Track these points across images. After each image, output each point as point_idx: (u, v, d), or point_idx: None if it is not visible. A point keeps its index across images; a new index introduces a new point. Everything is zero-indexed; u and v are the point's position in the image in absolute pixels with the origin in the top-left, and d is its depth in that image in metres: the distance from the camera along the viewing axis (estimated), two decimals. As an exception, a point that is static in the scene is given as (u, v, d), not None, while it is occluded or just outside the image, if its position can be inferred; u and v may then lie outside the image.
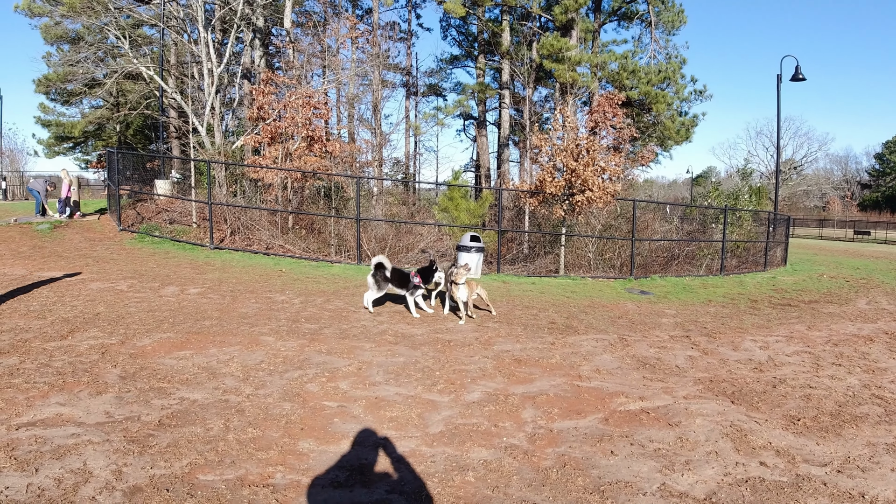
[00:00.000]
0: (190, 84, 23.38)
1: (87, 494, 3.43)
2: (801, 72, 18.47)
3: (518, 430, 4.60)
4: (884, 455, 4.29)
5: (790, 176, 64.48)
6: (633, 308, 10.11)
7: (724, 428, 4.70)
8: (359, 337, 7.20)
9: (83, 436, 4.17)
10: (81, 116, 33.67)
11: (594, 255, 15.27)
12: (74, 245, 13.26)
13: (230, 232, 14.62)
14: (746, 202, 21.88)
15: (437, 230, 15.71)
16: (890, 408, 5.31)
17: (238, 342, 6.72)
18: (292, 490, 3.59)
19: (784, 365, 6.72)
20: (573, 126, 14.00)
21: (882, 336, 8.47)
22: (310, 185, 16.42)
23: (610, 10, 27.72)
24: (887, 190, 74.04)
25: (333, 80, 21.76)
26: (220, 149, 17.60)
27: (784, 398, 5.51)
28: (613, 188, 13.37)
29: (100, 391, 5.03)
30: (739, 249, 18.01)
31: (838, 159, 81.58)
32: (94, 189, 34.63)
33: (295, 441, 4.26)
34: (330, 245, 14.56)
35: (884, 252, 29.61)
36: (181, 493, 3.49)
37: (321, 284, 10.68)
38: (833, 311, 10.38)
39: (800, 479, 3.89)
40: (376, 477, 3.80)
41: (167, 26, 20.79)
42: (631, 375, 6.13)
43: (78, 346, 6.28)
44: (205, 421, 4.53)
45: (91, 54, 23.09)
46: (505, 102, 28.85)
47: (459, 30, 33.84)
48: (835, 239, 47.70)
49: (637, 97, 24.26)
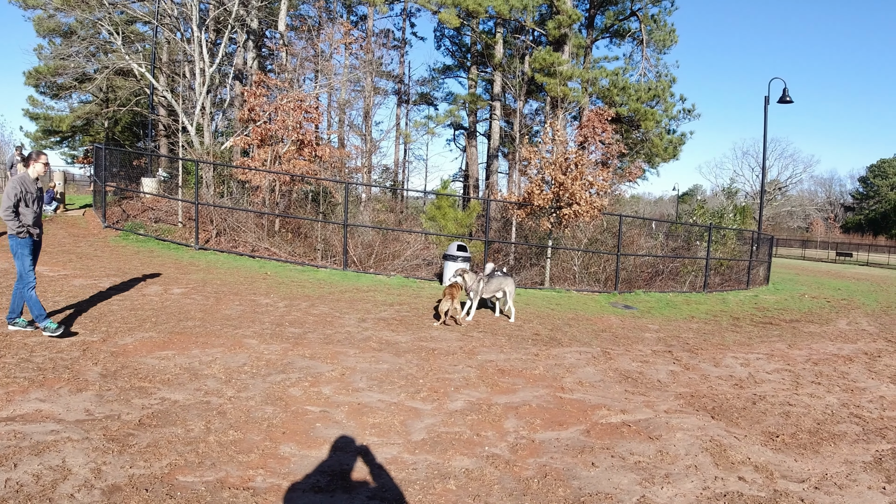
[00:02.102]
0: (181, 83, 23.31)
1: (65, 492, 3.40)
2: (788, 94, 18.74)
3: (500, 439, 4.61)
4: (861, 473, 4.35)
5: (775, 196, 65.25)
6: (617, 322, 10.18)
7: (704, 442, 4.75)
8: (343, 342, 7.19)
9: (63, 433, 4.13)
10: (70, 111, 33.38)
11: (580, 269, 15.35)
12: (58, 241, 13.11)
13: (216, 233, 14.53)
14: (731, 221, 22.11)
15: (424, 238, 15.72)
16: (868, 427, 5.38)
17: (221, 344, 6.68)
18: (272, 494, 3.58)
19: (764, 382, 6.79)
20: (563, 140, 14.11)
21: (862, 356, 8.59)
22: (298, 189, 16.37)
23: (602, 27, 27.98)
24: (870, 213, 75.19)
25: (325, 85, 21.75)
26: (209, 149, 17.50)
27: (763, 415, 5.57)
28: (600, 203, 13.47)
29: (80, 388, 4.98)
30: (723, 267, 18.18)
31: (823, 181, 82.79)
32: (80, 185, 34.25)
33: (276, 445, 4.24)
34: (316, 250, 14.52)
35: (865, 274, 30.02)
36: (160, 494, 3.46)
37: (306, 289, 10.64)
38: (814, 331, 10.50)
39: (777, 494, 3.93)
40: (357, 483, 3.79)
41: (161, 24, 20.71)
42: (613, 388, 6.17)
43: (59, 342, 6.21)
44: (185, 422, 4.49)
45: (83, 49, 22.91)
46: (496, 114, 28.99)
47: (453, 40, 34.06)
48: (817, 260, 48.28)
49: (626, 114, 24.47)
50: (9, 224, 6.21)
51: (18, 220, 6.22)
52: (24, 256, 6.32)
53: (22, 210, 6.27)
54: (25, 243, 6.31)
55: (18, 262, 6.35)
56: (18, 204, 6.23)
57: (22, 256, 6.32)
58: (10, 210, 6.16)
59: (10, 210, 6.16)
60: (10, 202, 6.17)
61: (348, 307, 9.36)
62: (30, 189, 6.34)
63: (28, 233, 6.29)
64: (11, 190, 6.22)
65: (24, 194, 6.26)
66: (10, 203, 6.16)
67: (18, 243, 6.29)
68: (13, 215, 6.18)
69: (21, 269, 6.34)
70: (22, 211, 6.27)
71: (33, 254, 6.46)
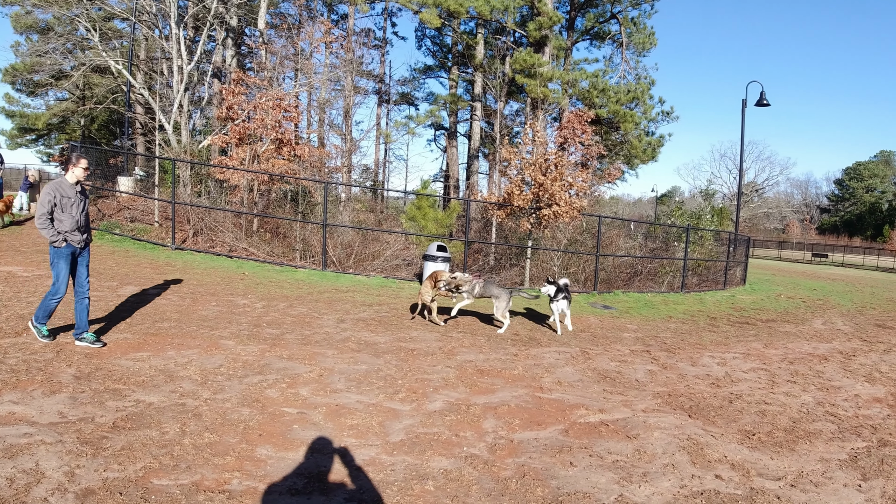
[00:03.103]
0: (159, 80, 22.97)
1: (39, 495, 3.34)
2: (765, 97, 18.99)
3: (479, 439, 4.61)
4: (836, 471, 4.41)
5: (752, 198, 66.13)
6: (596, 322, 10.23)
7: (682, 441, 4.78)
8: (321, 343, 7.14)
9: (36, 435, 4.06)
10: (46, 108, 32.84)
11: (559, 269, 15.41)
12: (32, 240, 12.86)
13: (193, 233, 14.36)
14: (708, 222, 22.36)
15: (404, 238, 15.68)
16: (843, 425, 5.46)
17: (197, 345, 6.60)
18: (248, 497, 3.53)
19: (741, 381, 6.87)
20: (542, 141, 14.16)
21: (837, 355, 8.72)
22: (277, 189, 16.23)
23: (583, 29, 28.15)
24: (846, 215, 76.61)
25: (305, 84, 21.61)
26: (187, 147, 17.30)
27: (740, 413, 5.63)
28: (580, 203, 13.54)
29: (54, 391, 4.89)
30: (700, 268, 18.37)
31: (799, 184, 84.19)
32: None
33: (253, 447, 4.19)
34: (295, 250, 14.41)
35: (841, 275, 30.55)
36: (135, 497, 3.41)
37: (285, 289, 10.55)
38: (790, 331, 10.65)
39: (754, 492, 3.98)
40: (334, 485, 3.76)
41: (139, 21, 20.42)
42: (592, 388, 6.20)
43: (32, 343, 6.10)
44: (160, 424, 4.43)
45: (60, 45, 22.51)
46: (476, 114, 29.01)
47: (434, 40, 34.02)
48: (793, 261, 49.05)
49: (606, 115, 24.64)
50: (42, 232, 5.98)
51: (53, 228, 5.98)
52: (59, 266, 6.11)
53: (57, 216, 6.02)
54: (62, 253, 6.08)
55: (54, 270, 6.15)
56: (53, 211, 5.99)
57: (57, 265, 6.11)
58: (44, 218, 5.93)
59: (45, 218, 5.93)
60: (43, 209, 5.93)
61: (327, 308, 9.30)
62: (67, 194, 6.06)
63: (65, 241, 6.05)
64: (45, 196, 5.97)
65: (59, 199, 6.00)
66: (43, 210, 5.93)
67: (55, 252, 6.08)
68: (48, 223, 5.95)
69: (54, 278, 6.14)
70: (57, 217, 6.02)
71: (76, 263, 6.25)
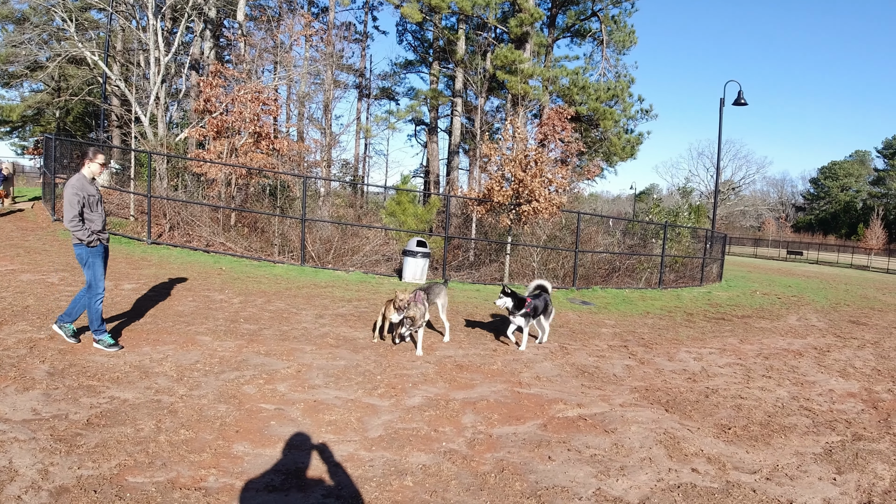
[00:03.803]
0: (135, 72, 22.63)
1: (12, 493, 3.28)
2: (743, 97, 19.21)
3: (458, 435, 4.61)
4: (811, 464, 4.48)
5: (728, 196, 66.96)
6: (575, 318, 10.30)
7: (658, 435, 4.83)
8: (299, 339, 7.09)
9: (9, 433, 3.98)
10: (21, 100, 32.25)
11: (538, 265, 15.48)
12: (5, 234, 12.62)
13: (169, 227, 14.17)
14: (686, 219, 22.63)
15: (383, 234, 15.63)
16: (818, 419, 5.55)
17: (173, 341, 6.52)
18: (225, 494, 3.50)
19: (717, 376, 6.96)
20: (523, 137, 14.18)
21: (811, 351, 8.87)
22: (255, 183, 16.09)
23: (564, 27, 28.26)
24: (820, 213, 77.99)
25: (285, 77, 21.40)
26: (163, 140, 17.05)
27: (716, 407, 5.70)
28: (559, 200, 13.59)
29: (27, 387, 4.80)
30: (678, 265, 18.58)
31: (775, 182, 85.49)
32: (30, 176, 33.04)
33: (229, 444, 4.15)
34: (273, 245, 14.29)
35: (815, 272, 31.08)
36: (109, 495, 3.36)
37: (262, 284, 10.47)
38: (765, 326, 10.81)
39: (730, 485, 4.03)
40: (312, 481, 3.74)
41: (116, 11, 20.06)
42: (570, 383, 6.24)
43: (5, 339, 5.98)
44: (135, 421, 4.37)
45: (35, 36, 22.09)
46: (457, 110, 29.00)
47: (415, 35, 33.92)
48: (769, 258, 49.82)
49: (586, 113, 24.80)
50: (76, 234, 5.82)
51: (86, 228, 5.83)
52: (95, 266, 5.94)
53: (87, 216, 5.86)
54: (96, 252, 5.93)
55: (89, 271, 5.95)
56: (83, 211, 5.82)
57: (93, 266, 5.94)
58: (75, 218, 5.76)
59: (76, 218, 5.77)
60: (74, 211, 5.75)
61: (305, 303, 9.24)
62: (90, 192, 5.90)
63: (98, 240, 5.92)
64: (73, 197, 5.77)
65: (86, 199, 5.84)
66: (74, 212, 5.75)
67: (89, 252, 5.90)
68: (80, 223, 5.79)
69: (91, 279, 5.96)
70: (88, 217, 5.86)
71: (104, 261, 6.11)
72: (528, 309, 7.37)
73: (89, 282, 6.00)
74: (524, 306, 7.35)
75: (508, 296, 7.29)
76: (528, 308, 7.38)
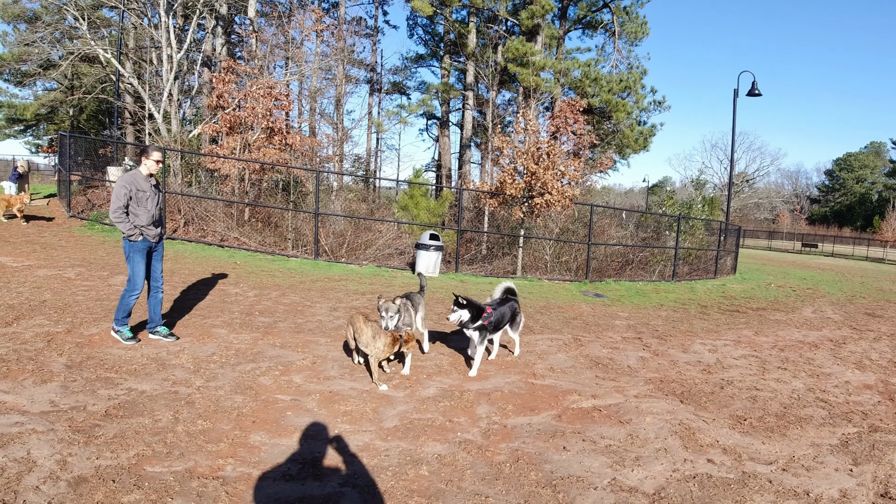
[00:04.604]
0: (148, 69, 22.78)
1: (30, 484, 3.32)
2: (757, 87, 19.03)
3: (472, 425, 4.62)
4: (828, 455, 4.45)
5: (742, 188, 66.42)
6: (588, 310, 10.27)
7: (673, 426, 4.82)
8: (314, 331, 7.13)
9: (27, 424, 4.03)
10: (35, 99, 32.54)
11: (551, 258, 15.45)
12: (22, 230, 12.76)
13: (184, 222, 14.27)
14: (699, 212, 22.45)
15: (396, 228, 15.65)
16: (834, 411, 5.51)
17: (189, 334, 6.58)
18: (242, 482, 3.53)
19: (731, 367, 6.92)
20: (535, 130, 14.13)
21: (827, 343, 8.79)
22: (268, 178, 16.15)
23: (575, 18, 28.05)
24: (835, 205, 77.09)
25: (296, 73, 21.43)
26: (177, 137, 17.17)
27: (731, 399, 5.67)
28: (572, 192, 13.55)
29: (45, 380, 4.86)
30: (691, 257, 18.47)
31: (789, 174, 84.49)
32: (45, 174, 33.39)
33: (246, 434, 4.19)
34: (287, 239, 14.36)
35: (830, 264, 30.77)
36: (128, 485, 3.40)
37: (277, 278, 10.52)
38: (780, 319, 10.73)
39: (746, 476, 4.01)
40: (329, 470, 3.77)
41: (127, 9, 20.20)
42: (584, 374, 6.23)
43: (23, 333, 6.05)
44: (153, 412, 4.42)
45: (48, 34, 22.25)
46: (468, 104, 28.92)
47: (426, 29, 33.80)
48: (783, 251, 49.36)
49: (598, 105, 24.63)
50: (117, 226, 5.91)
51: (129, 222, 5.89)
52: (134, 261, 6.01)
53: (133, 210, 5.92)
54: (137, 247, 5.99)
55: (129, 265, 6.04)
56: (129, 204, 5.89)
57: (132, 260, 6.01)
58: (120, 211, 5.83)
59: (121, 211, 5.84)
60: (118, 203, 5.82)
61: (319, 296, 9.28)
62: (141, 187, 5.95)
63: (141, 235, 5.96)
64: (120, 190, 5.85)
65: (134, 193, 5.89)
66: (119, 204, 5.82)
67: (130, 247, 5.97)
68: (123, 216, 5.86)
69: (129, 273, 6.04)
70: (133, 211, 5.92)
71: (149, 258, 6.17)
72: (484, 321, 5.98)
73: (129, 276, 6.08)
74: (481, 318, 6.00)
75: (464, 307, 5.92)
76: (486, 321, 6.00)
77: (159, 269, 6.34)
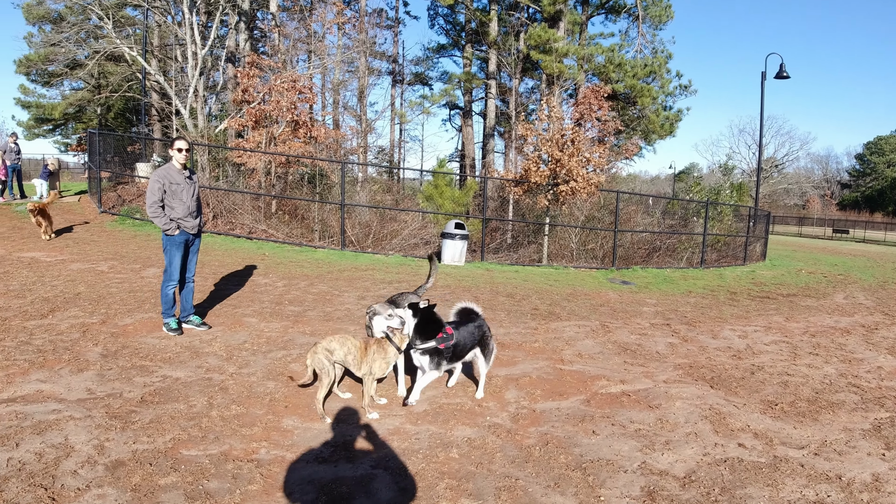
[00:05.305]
0: (173, 66, 23.07)
1: (68, 468, 3.41)
2: (785, 70, 18.65)
3: (501, 409, 4.64)
4: (860, 440, 4.39)
5: (771, 174, 65.15)
6: (615, 297, 10.21)
7: (704, 411, 4.78)
8: (343, 319, 7.20)
9: (64, 412, 4.14)
10: (62, 98, 33.09)
11: (577, 246, 15.36)
12: (54, 226, 13.04)
13: (212, 216, 14.48)
14: (728, 198, 22.12)
15: (421, 218, 15.70)
16: (866, 396, 5.42)
17: (221, 323, 6.69)
18: (276, 465, 3.60)
19: (762, 353, 6.84)
20: (559, 117, 14.04)
21: (859, 329, 8.63)
22: (293, 171, 16.30)
23: (598, 3, 27.72)
24: (867, 190, 75.23)
25: (319, 66, 21.56)
26: (203, 132, 17.42)
27: (762, 384, 5.61)
28: (597, 179, 13.45)
29: (81, 368, 4.99)
30: (720, 244, 18.23)
31: (819, 159, 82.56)
32: (74, 172, 34.04)
33: (279, 418, 4.26)
34: (313, 230, 14.50)
35: (862, 250, 30.10)
36: (164, 467, 3.49)
37: (305, 268, 10.64)
38: (811, 305, 10.55)
39: (777, 460, 3.97)
40: (360, 453, 3.82)
41: (151, 7, 20.48)
42: (612, 360, 6.21)
43: (58, 324, 6.21)
44: (188, 398, 4.51)
45: (73, 35, 22.65)
46: (491, 93, 28.80)
47: (447, 18, 33.68)
48: (814, 237, 48.37)
49: (623, 90, 24.36)
50: (154, 221, 6.04)
51: (165, 216, 5.99)
52: (172, 254, 6.14)
53: (168, 203, 6.02)
54: (174, 241, 6.10)
55: (166, 257, 6.18)
56: (163, 198, 5.99)
57: (169, 253, 6.15)
58: (155, 206, 5.95)
59: (156, 206, 5.95)
60: (153, 198, 5.93)
61: (347, 285, 9.36)
62: (175, 180, 6.04)
63: (178, 227, 6.07)
64: (154, 184, 5.95)
65: (168, 186, 5.99)
66: (154, 199, 5.93)
67: (168, 240, 6.10)
68: (159, 211, 5.97)
69: (166, 265, 6.19)
70: (168, 204, 6.02)
71: (186, 251, 6.27)
72: (441, 345, 4.43)
73: (165, 266, 6.20)
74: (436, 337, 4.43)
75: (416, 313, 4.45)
76: (443, 343, 4.44)
77: (194, 262, 6.46)
